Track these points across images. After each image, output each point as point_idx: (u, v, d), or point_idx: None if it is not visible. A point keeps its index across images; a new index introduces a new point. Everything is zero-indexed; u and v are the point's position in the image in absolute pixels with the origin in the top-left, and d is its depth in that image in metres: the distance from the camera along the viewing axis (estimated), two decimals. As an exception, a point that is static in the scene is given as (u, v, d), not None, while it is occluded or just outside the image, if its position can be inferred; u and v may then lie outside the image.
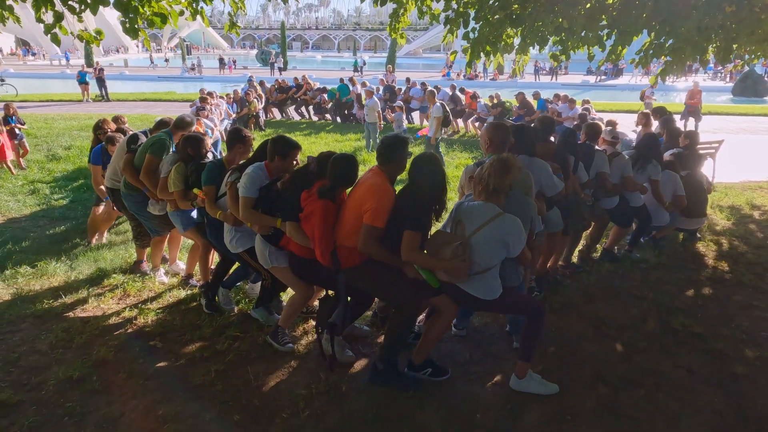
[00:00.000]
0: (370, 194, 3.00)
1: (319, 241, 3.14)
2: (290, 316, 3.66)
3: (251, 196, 3.51)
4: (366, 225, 2.98)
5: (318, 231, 3.13)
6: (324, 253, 3.16)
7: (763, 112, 20.03)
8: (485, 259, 2.98)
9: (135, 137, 4.83)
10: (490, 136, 3.63)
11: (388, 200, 2.99)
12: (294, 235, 3.30)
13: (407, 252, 2.98)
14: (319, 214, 3.13)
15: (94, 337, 3.71)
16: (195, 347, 3.59)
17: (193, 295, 4.45)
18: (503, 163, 2.99)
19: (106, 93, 19.58)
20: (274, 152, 3.55)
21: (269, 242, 3.52)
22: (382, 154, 3.14)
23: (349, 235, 3.12)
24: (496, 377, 3.33)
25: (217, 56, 50.76)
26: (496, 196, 3.01)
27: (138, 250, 5.13)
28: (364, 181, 3.14)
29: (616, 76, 36.52)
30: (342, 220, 3.17)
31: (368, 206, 2.96)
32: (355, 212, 3.07)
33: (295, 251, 3.41)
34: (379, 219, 2.96)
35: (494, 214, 2.96)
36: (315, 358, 3.49)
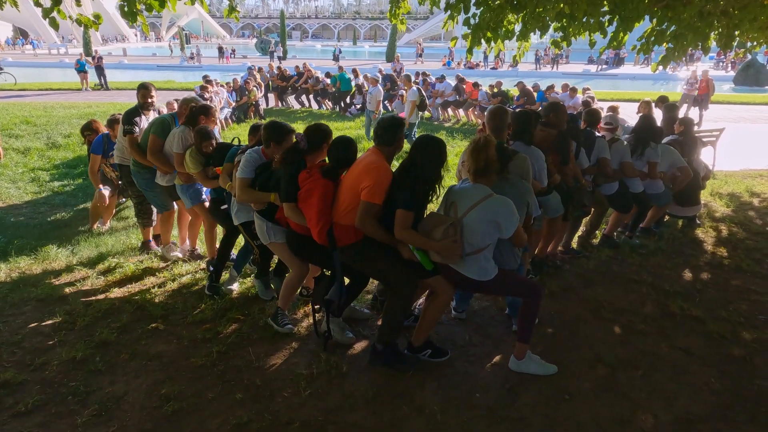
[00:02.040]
0: (368, 172, 3.02)
1: (317, 219, 3.16)
2: (288, 295, 3.69)
3: (246, 177, 3.57)
4: (363, 201, 3.00)
5: (316, 209, 3.15)
6: (321, 232, 3.18)
7: (765, 101, 19.95)
8: (477, 239, 2.99)
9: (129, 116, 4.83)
10: (486, 122, 3.65)
11: (385, 177, 3.02)
12: (291, 215, 3.33)
13: (399, 230, 3.00)
14: (319, 193, 3.15)
15: (97, 319, 3.74)
16: (197, 329, 3.62)
17: (196, 279, 4.48)
18: (474, 144, 3.02)
19: (105, 82, 19.48)
20: (268, 138, 3.58)
21: (265, 217, 3.55)
22: (380, 134, 3.16)
23: (345, 213, 3.14)
24: (495, 358, 3.36)
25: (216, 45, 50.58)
26: (482, 176, 3.02)
27: (143, 231, 5.20)
28: (362, 160, 3.16)
29: (618, 65, 36.31)
30: (339, 199, 3.19)
31: (366, 183, 2.98)
32: (352, 190, 3.09)
33: (295, 228, 3.43)
34: (376, 196, 2.98)
35: (484, 195, 2.97)
36: (316, 339, 3.52)
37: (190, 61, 32.29)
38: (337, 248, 3.19)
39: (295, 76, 15.69)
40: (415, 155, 3.07)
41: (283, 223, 3.55)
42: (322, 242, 3.21)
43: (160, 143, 4.52)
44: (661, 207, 5.81)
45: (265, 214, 3.56)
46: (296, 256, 3.56)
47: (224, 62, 32.49)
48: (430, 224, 3.03)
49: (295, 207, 3.31)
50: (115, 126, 5.55)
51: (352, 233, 3.16)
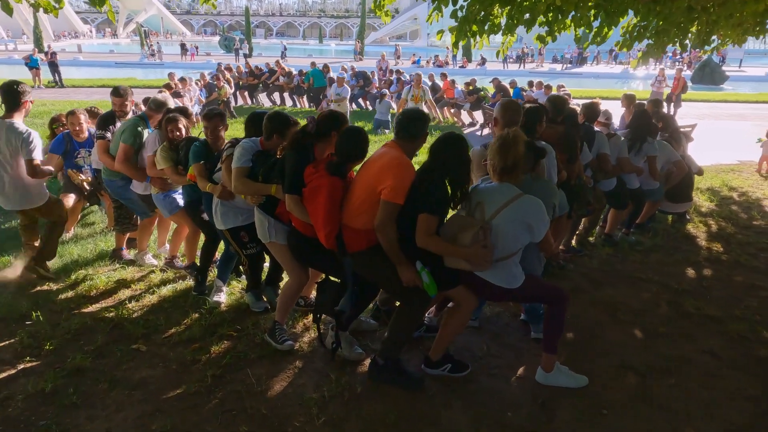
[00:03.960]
0: (390, 169, 2.70)
1: (324, 221, 2.83)
2: (285, 307, 3.33)
3: (244, 166, 3.23)
4: (385, 202, 2.67)
5: (323, 211, 2.82)
6: (329, 236, 2.85)
7: (723, 99, 20.68)
8: (508, 243, 2.73)
9: (103, 119, 4.40)
10: (496, 115, 3.39)
11: (409, 175, 2.71)
12: (294, 209, 2.98)
13: (423, 237, 2.70)
14: (326, 192, 2.81)
15: (67, 341, 3.28)
16: (185, 349, 3.21)
17: (176, 291, 4.05)
18: (502, 140, 2.74)
19: (59, 79, 18.37)
20: (272, 130, 3.23)
21: (266, 212, 3.20)
22: (404, 127, 2.83)
23: (357, 215, 2.82)
24: (519, 370, 3.11)
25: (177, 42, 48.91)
26: (509, 175, 2.76)
27: (117, 237, 4.77)
28: (380, 156, 2.84)
29: (581, 64, 37.11)
30: (350, 199, 2.86)
31: (388, 182, 2.66)
32: (367, 189, 2.77)
33: (299, 227, 3.08)
34: (399, 196, 2.67)
35: (514, 195, 2.72)
36: (321, 356, 3.18)
37: (151, 59, 31.01)
38: (348, 254, 2.86)
39: (267, 72, 15.15)
40: (442, 154, 2.77)
41: (284, 219, 3.19)
42: (330, 247, 2.88)
43: (130, 151, 4.15)
44: (654, 202, 5.73)
45: (266, 208, 3.20)
46: (298, 260, 3.21)
47: (188, 59, 31.36)
48: (454, 228, 2.75)
49: (299, 201, 2.96)
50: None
51: (364, 238, 2.84)
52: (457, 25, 6.69)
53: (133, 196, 4.44)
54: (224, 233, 3.56)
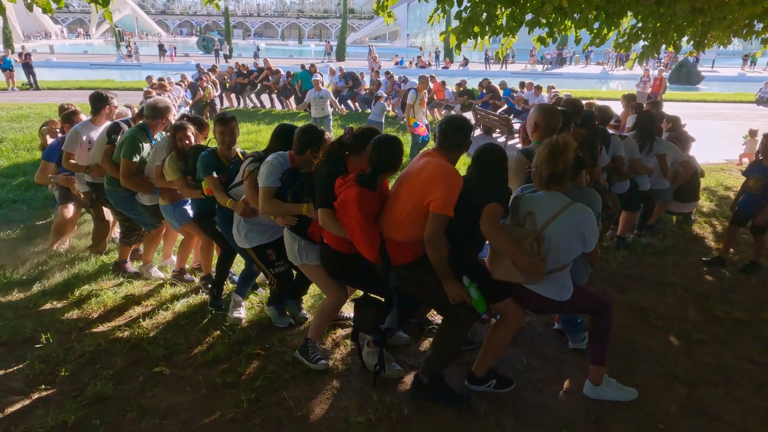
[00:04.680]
0: (438, 180, 2.56)
1: (362, 234, 2.68)
2: (321, 325, 3.17)
3: (272, 186, 3.03)
4: (435, 214, 2.54)
5: (359, 223, 2.66)
6: (371, 248, 2.69)
7: (702, 99, 21.12)
8: (561, 254, 2.63)
9: (116, 127, 4.19)
10: (537, 120, 3.27)
11: (457, 186, 2.57)
12: (328, 224, 2.82)
13: (489, 225, 2.58)
14: (355, 204, 2.66)
15: (82, 366, 3.05)
16: (212, 371, 3.02)
17: (191, 305, 3.84)
18: (551, 148, 2.65)
19: (34, 80, 17.67)
20: (306, 144, 3.06)
21: (298, 234, 3.03)
22: (448, 136, 2.70)
23: (401, 228, 2.68)
24: (565, 384, 3.00)
25: (151, 43, 47.80)
26: (557, 183, 2.67)
27: (122, 249, 4.52)
28: (424, 166, 2.68)
29: (560, 65, 37.56)
30: (392, 211, 2.72)
31: (437, 194, 2.53)
32: (413, 201, 2.63)
33: (332, 244, 2.92)
34: (449, 207, 2.54)
35: (564, 204, 2.63)
36: (357, 374, 3.03)
37: (128, 60, 30.22)
38: (392, 268, 2.71)
39: (255, 72, 14.83)
40: (487, 164, 2.70)
41: (316, 239, 3.03)
42: (373, 260, 2.72)
43: (132, 165, 3.95)
44: (664, 203, 5.74)
45: (297, 229, 3.02)
46: (334, 278, 3.05)
47: (166, 61, 30.65)
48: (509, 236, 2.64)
49: (333, 215, 2.80)
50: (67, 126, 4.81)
51: (409, 251, 2.70)
52: (460, 27, 6.61)
53: (138, 208, 4.23)
54: (249, 252, 3.37)
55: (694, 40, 7.67)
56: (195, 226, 4.03)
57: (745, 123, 14.12)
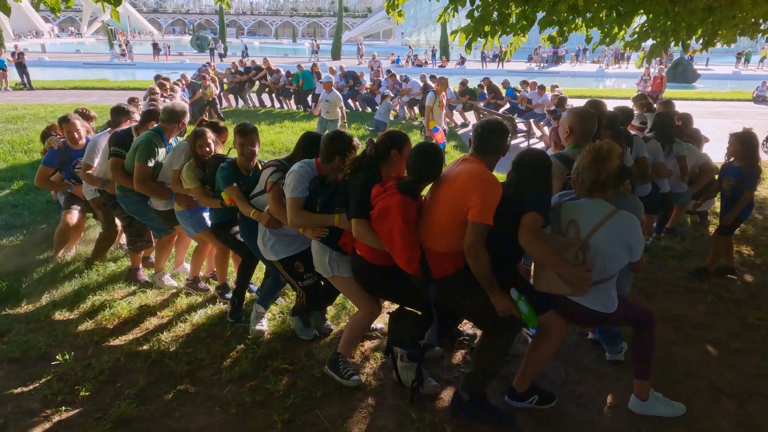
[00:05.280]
0: (476, 187, 2.45)
1: (403, 244, 2.55)
2: (352, 340, 3.04)
3: (300, 197, 2.89)
4: (474, 223, 2.43)
5: (400, 232, 2.54)
6: (411, 260, 2.57)
7: (700, 97, 21.13)
8: (607, 264, 2.53)
9: (116, 137, 4.03)
10: (571, 125, 3.15)
11: (496, 193, 2.46)
12: (364, 235, 2.69)
13: (528, 237, 2.45)
14: (398, 212, 2.54)
15: (102, 385, 2.90)
16: (239, 389, 2.88)
17: (209, 317, 3.69)
18: (596, 154, 2.54)
19: (28, 80, 17.33)
20: (334, 151, 2.93)
21: (329, 245, 2.89)
22: (485, 141, 2.59)
23: (440, 238, 2.57)
24: (608, 398, 2.89)
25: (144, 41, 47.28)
26: (600, 191, 2.57)
27: (132, 256, 4.38)
28: (460, 173, 2.57)
29: (556, 63, 37.58)
30: (430, 220, 2.60)
31: (475, 201, 2.41)
32: (451, 209, 2.52)
33: (366, 256, 2.79)
34: (488, 216, 2.43)
35: (609, 211, 2.52)
36: (392, 390, 2.90)
37: (122, 59, 29.83)
38: (433, 280, 2.59)
39: (254, 70, 14.63)
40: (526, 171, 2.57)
41: (348, 250, 2.90)
42: (412, 272, 2.60)
43: (147, 170, 3.82)
44: (682, 206, 5.66)
45: (328, 240, 2.89)
46: (367, 291, 2.91)
47: (161, 60, 30.31)
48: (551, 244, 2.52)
49: (369, 225, 2.68)
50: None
51: (450, 262, 2.58)
52: (471, 26, 6.51)
53: (150, 213, 4.08)
54: (275, 265, 3.23)
55: (703, 38, 7.61)
56: (211, 234, 3.89)
57: (744, 122, 14.08)
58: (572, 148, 3.09)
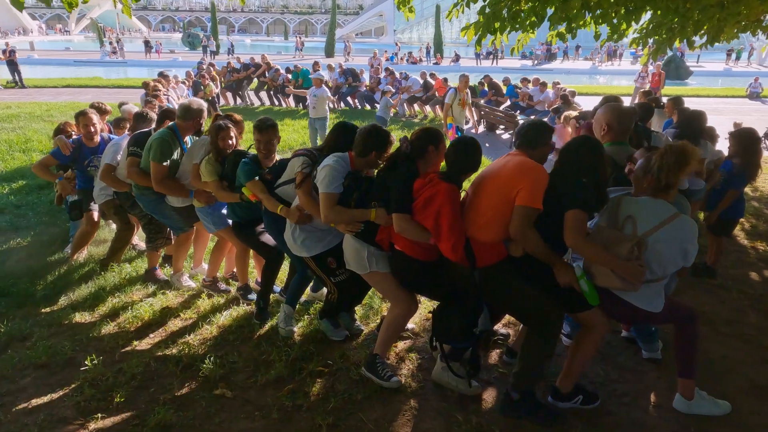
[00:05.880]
0: (523, 172, 2.47)
1: (449, 230, 2.54)
2: (390, 339, 2.98)
3: (335, 192, 2.82)
4: (522, 207, 2.43)
5: (447, 218, 2.53)
6: (457, 247, 2.55)
7: (694, 94, 21.31)
8: (663, 265, 2.51)
9: (135, 139, 3.97)
10: (609, 122, 3.11)
11: (544, 178, 2.48)
12: (407, 229, 2.65)
13: (575, 236, 2.42)
14: (446, 199, 2.55)
15: (136, 390, 2.82)
16: (278, 392, 2.81)
17: (235, 319, 3.62)
18: (680, 155, 2.50)
19: (20, 78, 17.02)
20: (371, 146, 2.87)
21: (365, 241, 2.84)
22: (528, 138, 2.62)
23: (484, 227, 2.56)
24: (651, 397, 2.86)
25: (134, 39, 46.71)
26: (665, 192, 2.54)
27: (150, 255, 4.30)
28: (505, 165, 2.58)
29: (549, 60, 37.73)
30: (475, 210, 2.60)
31: (522, 185, 2.43)
32: (498, 198, 2.52)
33: (407, 251, 2.74)
34: (537, 199, 2.43)
35: (671, 214, 2.50)
36: (433, 392, 2.84)
37: (113, 56, 29.43)
38: (477, 269, 2.55)
39: (252, 67, 14.47)
40: (574, 156, 2.53)
41: (385, 246, 2.84)
42: (457, 260, 2.56)
43: (163, 169, 3.74)
44: (697, 201, 5.66)
45: (365, 236, 2.83)
46: (406, 287, 2.86)
47: (153, 57, 29.95)
48: (602, 240, 2.48)
49: (411, 219, 2.65)
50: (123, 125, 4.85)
51: (494, 251, 2.56)
52: (481, 22, 6.46)
53: (168, 211, 4.00)
54: (307, 261, 3.16)
55: (708, 35, 7.63)
56: (231, 232, 3.81)
57: (740, 118, 14.21)
58: (610, 146, 3.06)
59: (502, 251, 2.58)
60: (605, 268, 2.47)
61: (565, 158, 2.59)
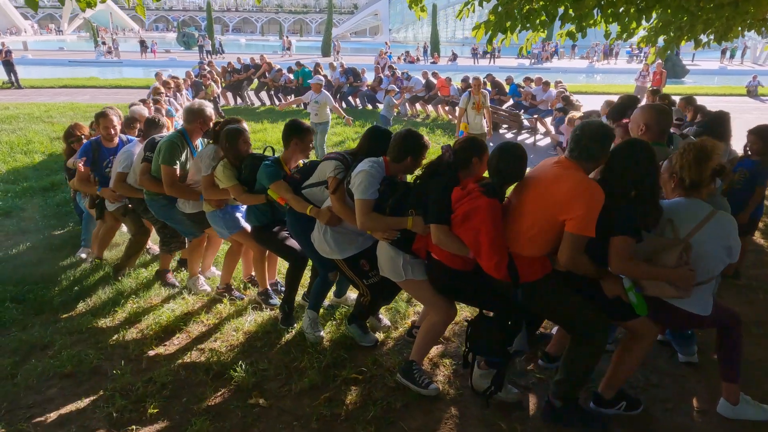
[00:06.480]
0: (580, 197, 2.29)
1: (490, 249, 2.45)
2: (427, 346, 2.92)
3: (371, 199, 2.76)
4: (574, 235, 2.30)
5: (489, 237, 2.44)
6: (500, 265, 2.46)
7: (693, 92, 21.31)
8: (710, 265, 2.45)
9: (153, 143, 3.89)
10: (647, 122, 3.03)
11: (600, 201, 2.30)
12: (445, 241, 2.58)
13: (621, 262, 2.35)
14: (487, 215, 2.44)
15: (168, 400, 2.74)
16: (314, 401, 2.74)
17: (260, 324, 3.54)
18: (699, 151, 2.44)
19: (16, 79, 16.81)
20: (407, 151, 2.81)
21: (401, 249, 2.77)
22: (585, 148, 2.40)
23: (527, 242, 2.46)
24: (693, 401, 2.82)
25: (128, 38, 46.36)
26: (697, 190, 2.48)
27: (163, 258, 4.25)
28: (557, 179, 2.40)
29: (545, 59, 37.77)
30: (518, 225, 2.48)
31: (578, 212, 2.27)
32: (544, 216, 2.39)
33: (445, 261, 2.67)
34: (591, 227, 2.29)
35: (708, 212, 2.43)
36: (472, 399, 2.78)
37: (108, 56, 29.17)
38: (520, 285, 2.48)
39: (252, 68, 14.36)
40: (623, 168, 2.41)
41: (422, 255, 2.78)
42: (500, 277, 2.49)
43: (173, 172, 3.69)
44: None
45: (401, 244, 2.76)
46: (443, 294, 2.80)
47: (148, 57, 29.71)
48: (649, 249, 2.43)
49: (449, 231, 2.58)
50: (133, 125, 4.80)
51: (538, 267, 2.48)
52: (492, 21, 6.42)
53: (178, 216, 3.93)
54: (339, 264, 3.09)
55: (717, 34, 7.63)
56: (247, 235, 3.73)
57: (742, 116, 14.27)
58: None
59: (547, 265, 2.49)
60: None
61: (612, 168, 2.44)
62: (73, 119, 11.52)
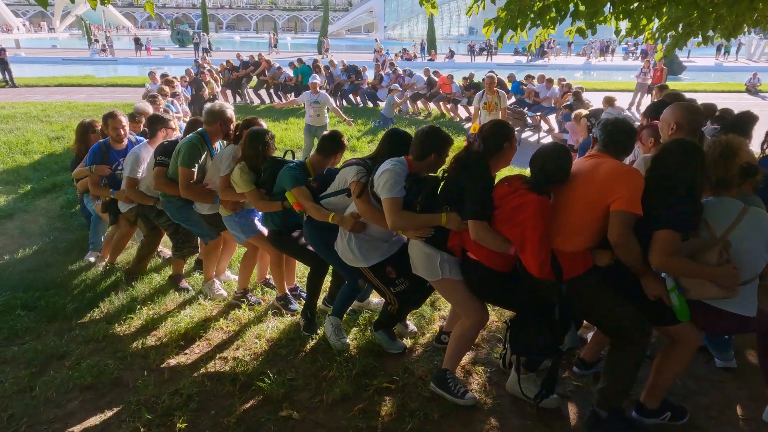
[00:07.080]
0: (620, 178, 2.30)
1: (538, 246, 2.37)
2: (460, 353, 2.83)
3: (399, 197, 2.67)
4: (621, 213, 2.26)
5: (537, 233, 2.37)
6: (544, 263, 2.39)
7: (692, 89, 21.38)
8: (752, 263, 2.38)
9: (163, 149, 3.80)
10: (678, 120, 2.95)
11: (640, 183, 2.32)
12: (485, 237, 2.49)
13: (664, 258, 2.28)
14: (536, 211, 2.37)
15: (196, 413, 2.63)
16: (348, 413, 2.64)
17: (282, 331, 3.44)
18: (725, 148, 2.40)
19: (10, 77, 16.53)
20: (431, 148, 2.74)
21: (437, 247, 2.68)
22: (616, 141, 2.43)
23: (571, 236, 2.40)
24: (737, 409, 2.74)
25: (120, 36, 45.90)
26: (727, 188, 2.43)
27: (176, 263, 4.14)
28: (595, 168, 2.38)
29: (542, 56, 37.75)
30: (560, 219, 2.43)
31: (621, 192, 2.26)
32: (587, 206, 2.36)
33: (484, 260, 2.58)
34: (637, 205, 2.27)
35: (741, 209, 2.38)
36: (511, 409, 2.69)
37: (102, 54, 28.82)
38: (564, 282, 2.40)
39: (251, 66, 14.20)
40: (670, 163, 2.35)
41: (457, 253, 2.69)
42: (544, 276, 2.40)
43: (191, 174, 3.61)
44: None
45: (435, 241, 2.67)
46: (479, 297, 2.70)
47: (143, 55, 29.37)
48: (686, 250, 2.35)
49: (490, 228, 2.49)
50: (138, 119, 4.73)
51: (581, 261, 2.42)
52: (503, 17, 6.33)
53: (195, 218, 3.83)
54: (364, 272, 2.98)
55: (726, 31, 7.58)
56: (264, 239, 3.64)
57: (743, 113, 14.25)
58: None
59: (589, 260, 2.43)
60: (701, 280, 2.34)
61: (660, 165, 2.40)
62: (71, 118, 11.35)
